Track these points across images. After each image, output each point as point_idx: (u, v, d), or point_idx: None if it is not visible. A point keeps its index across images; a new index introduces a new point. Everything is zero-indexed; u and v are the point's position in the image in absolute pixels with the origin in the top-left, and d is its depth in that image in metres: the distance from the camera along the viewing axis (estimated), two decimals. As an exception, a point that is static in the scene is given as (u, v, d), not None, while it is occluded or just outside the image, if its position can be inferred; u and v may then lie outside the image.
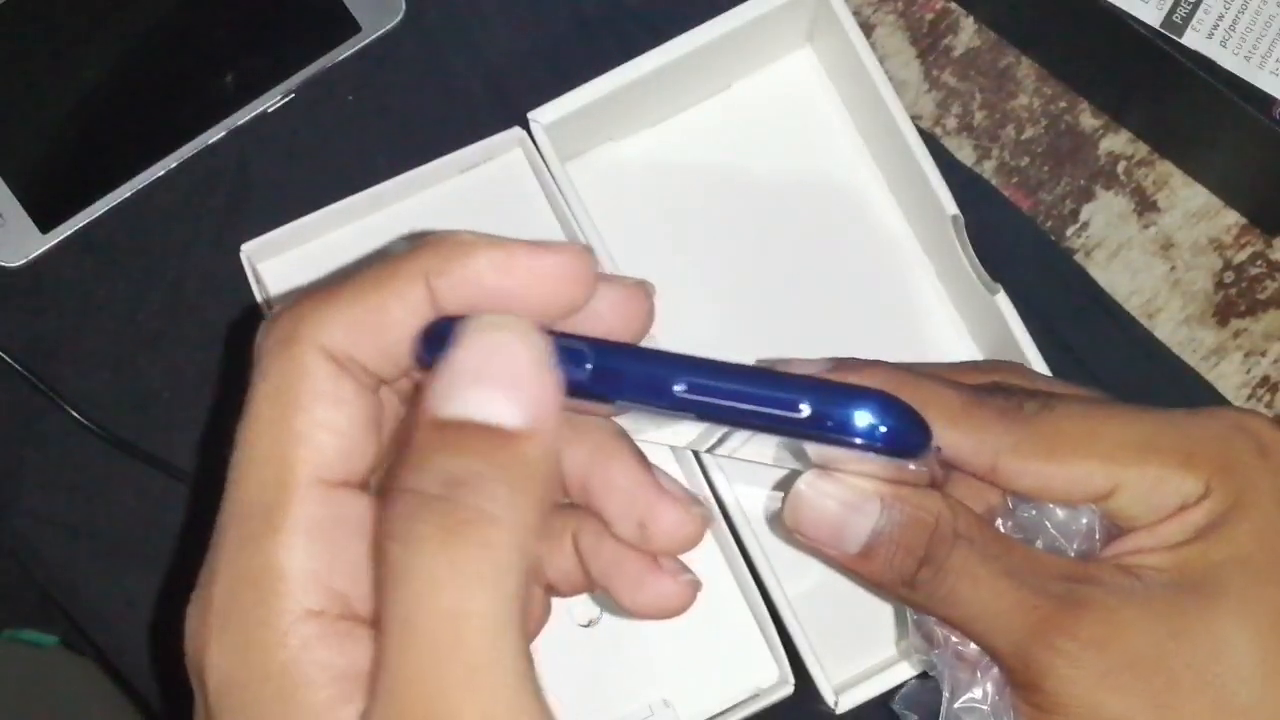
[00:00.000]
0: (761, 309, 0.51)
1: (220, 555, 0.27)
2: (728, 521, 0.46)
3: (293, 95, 0.53)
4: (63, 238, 0.52)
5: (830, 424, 0.28)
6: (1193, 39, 0.48)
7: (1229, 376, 0.53)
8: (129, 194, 0.52)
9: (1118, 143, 0.54)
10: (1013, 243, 0.53)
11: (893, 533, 0.33)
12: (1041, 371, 0.46)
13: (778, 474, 0.47)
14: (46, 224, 0.52)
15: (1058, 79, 0.54)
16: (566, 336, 0.28)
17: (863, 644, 0.47)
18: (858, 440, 0.28)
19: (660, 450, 0.45)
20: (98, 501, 0.51)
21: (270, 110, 0.53)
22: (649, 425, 0.31)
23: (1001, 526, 0.35)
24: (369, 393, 0.28)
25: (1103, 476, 0.34)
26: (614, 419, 0.32)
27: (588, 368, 0.28)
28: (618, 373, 0.28)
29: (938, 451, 0.33)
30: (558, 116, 0.47)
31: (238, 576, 0.26)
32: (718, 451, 0.33)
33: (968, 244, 0.47)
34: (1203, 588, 0.33)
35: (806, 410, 0.28)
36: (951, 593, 0.33)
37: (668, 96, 0.51)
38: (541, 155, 0.47)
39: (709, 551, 0.48)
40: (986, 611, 0.33)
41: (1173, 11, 0.48)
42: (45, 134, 0.53)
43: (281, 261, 0.50)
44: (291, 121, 0.53)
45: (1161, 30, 0.48)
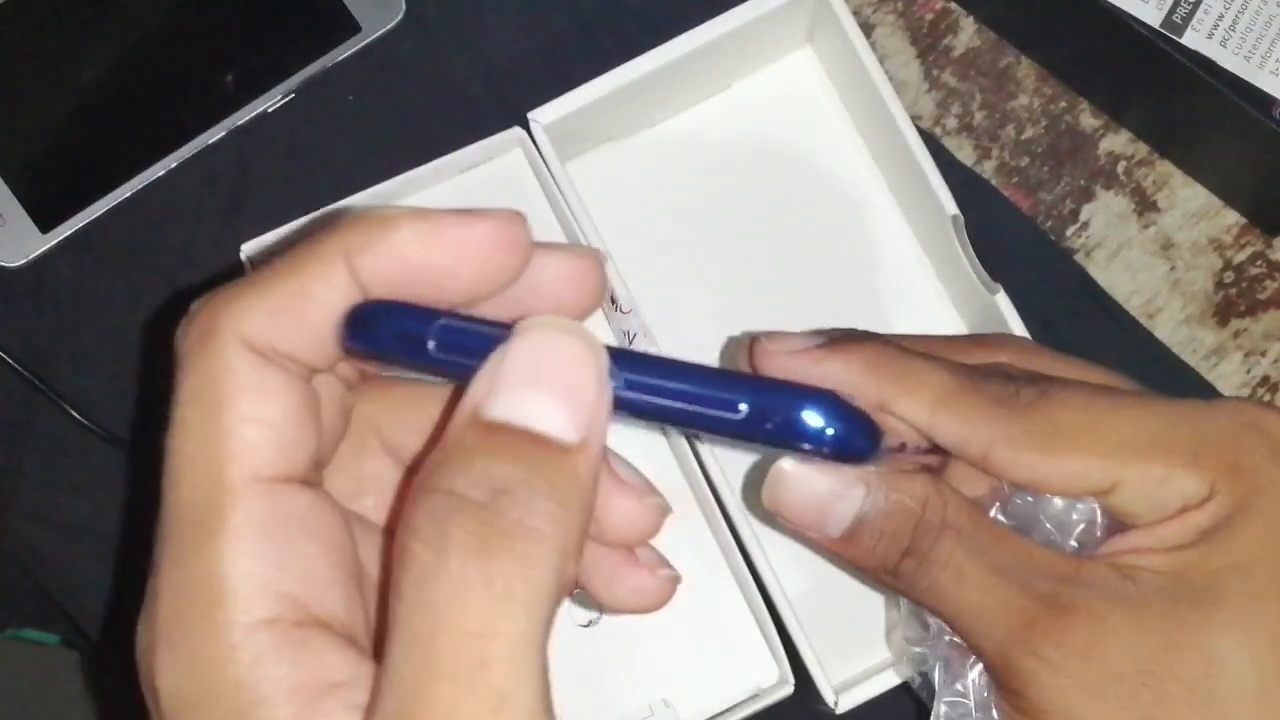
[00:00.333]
0: (761, 308, 0.51)
1: (161, 568, 0.25)
2: (727, 520, 0.46)
3: (293, 95, 0.53)
4: (63, 238, 0.52)
5: (770, 426, 0.26)
6: (1193, 39, 0.48)
7: (1229, 376, 0.53)
8: (129, 194, 0.52)
9: (1118, 143, 0.54)
10: (1013, 243, 0.53)
11: (877, 519, 0.32)
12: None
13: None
14: (46, 224, 0.52)
15: (1058, 79, 0.54)
16: (485, 324, 0.26)
17: (863, 644, 0.47)
18: (804, 445, 0.27)
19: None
20: (98, 501, 0.51)
21: (270, 110, 0.53)
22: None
23: (997, 513, 0.34)
24: (300, 382, 0.26)
25: (1101, 473, 0.32)
26: None
27: None
28: None
29: (902, 448, 0.32)
30: (558, 116, 0.47)
31: (180, 589, 0.25)
32: (700, 439, 0.32)
33: (968, 244, 0.47)
34: (1200, 597, 0.31)
35: (745, 411, 0.26)
36: (935, 585, 0.32)
37: (668, 96, 0.51)
38: (541, 155, 0.47)
39: (709, 551, 0.48)
40: (970, 609, 0.32)
41: (1173, 11, 0.48)
42: (45, 134, 0.53)
43: (281, 261, 0.50)
44: (291, 121, 0.53)
45: (1161, 30, 0.48)
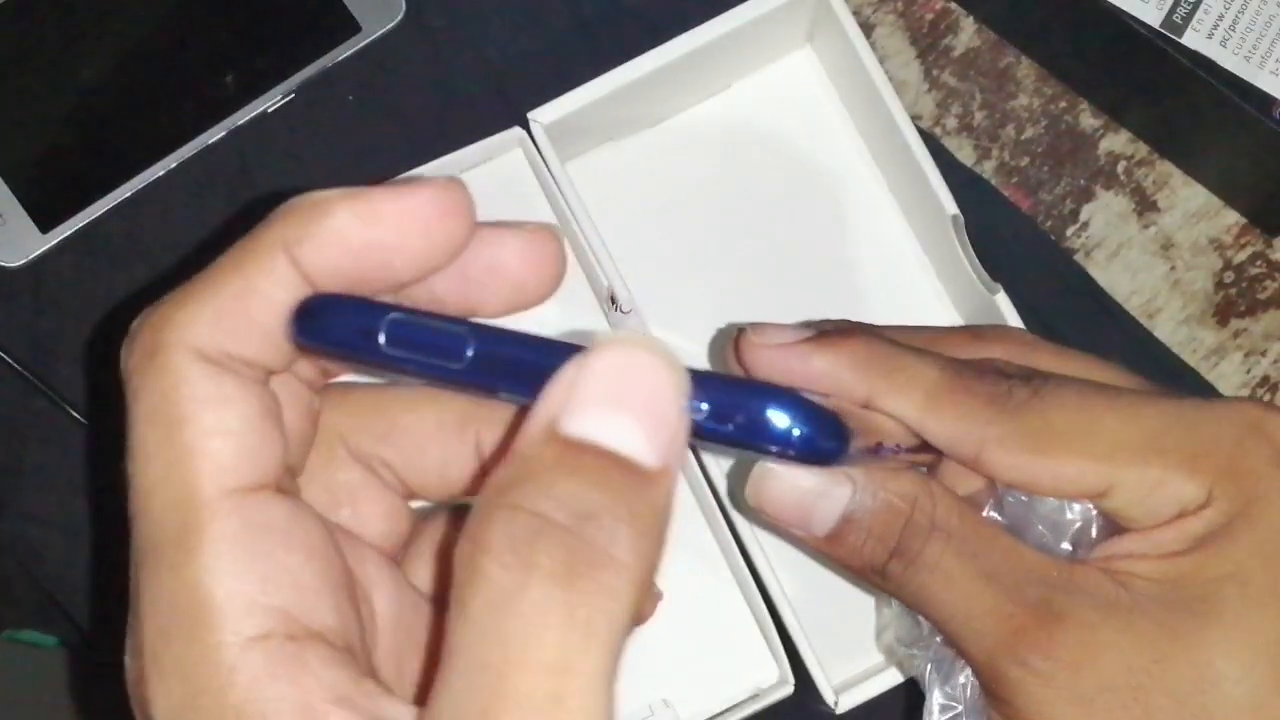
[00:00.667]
0: (761, 308, 0.51)
1: (141, 595, 0.24)
2: (727, 521, 0.46)
3: (293, 95, 0.53)
4: (63, 238, 0.52)
5: (732, 428, 0.25)
6: (1193, 39, 0.48)
7: (1229, 376, 0.53)
8: (129, 194, 0.52)
9: (1118, 143, 0.54)
10: (1013, 243, 0.53)
11: (864, 518, 0.31)
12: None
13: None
14: (46, 224, 0.52)
15: (1058, 79, 0.54)
16: (440, 319, 0.25)
17: (863, 644, 0.47)
18: (770, 447, 0.26)
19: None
20: (98, 501, 0.51)
21: (270, 110, 0.53)
22: None
23: (990, 511, 0.33)
24: (257, 385, 0.25)
25: (1094, 476, 0.31)
26: None
27: (468, 355, 0.25)
28: (501, 360, 0.25)
29: (878, 448, 0.30)
30: (558, 116, 0.47)
31: (163, 614, 0.24)
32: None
33: (968, 244, 0.47)
34: (1194, 607, 0.30)
35: (706, 410, 0.25)
36: (923, 589, 0.31)
37: (667, 96, 0.51)
38: (541, 155, 0.47)
39: (708, 551, 0.48)
40: (958, 614, 0.31)
41: (1173, 11, 0.48)
42: (45, 134, 0.53)
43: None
44: (291, 121, 0.53)
45: (1161, 30, 0.48)
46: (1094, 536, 0.32)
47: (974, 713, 0.32)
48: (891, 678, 0.44)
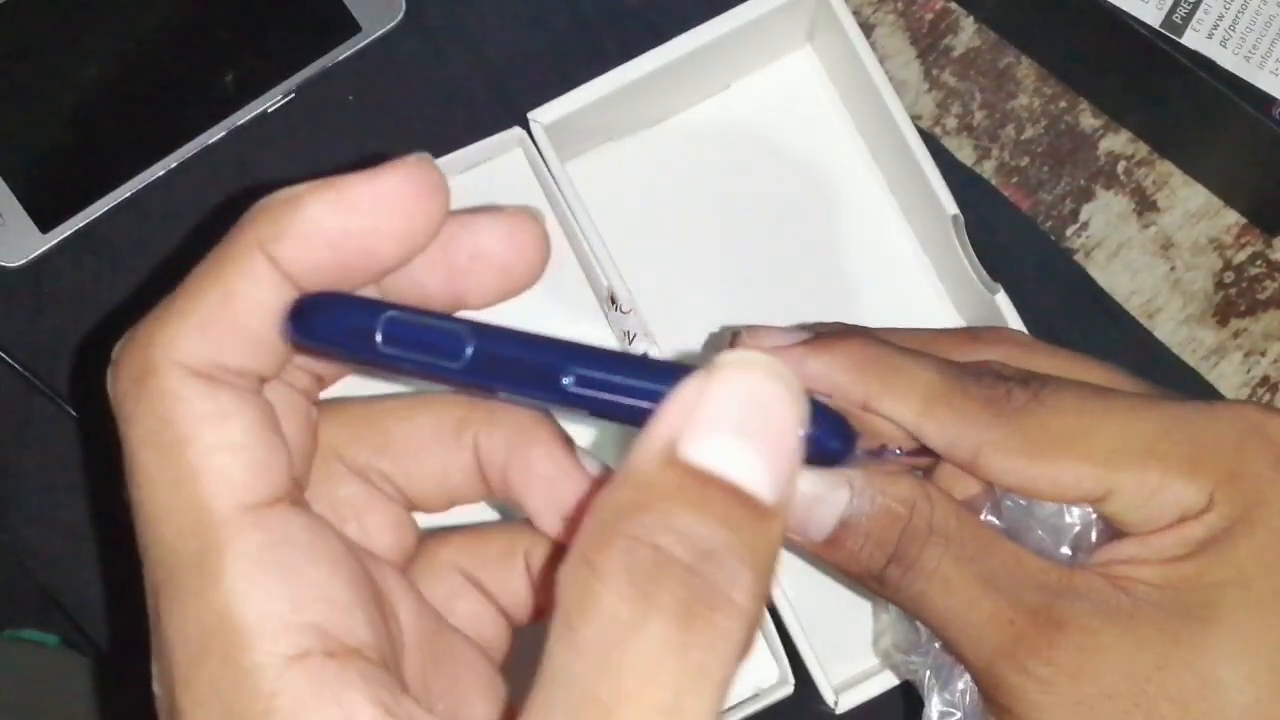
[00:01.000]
0: (761, 308, 0.51)
1: (167, 625, 0.23)
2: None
3: (293, 95, 0.53)
4: (63, 238, 0.52)
5: None
6: (1192, 39, 0.48)
7: (1229, 376, 0.53)
8: (129, 194, 0.52)
9: (1118, 143, 0.54)
10: (1013, 243, 0.53)
11: (861, 523, 0.30)
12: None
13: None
14: (46, 224, 0.52)
15: (1058, 79, 0.54)
16: (438, 317, 0.25)
17: (863, 644, 0.47)
18: None
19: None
20: (98, 502, 0.51)
21: (270, 110, 0.53)
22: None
23: (988, 514, 0.33)
24: (253, 395, 0.24)
25: (1093, 480, 0.31)
26: None
27: (467, 353, 0.24)
28: (500, 360, 0.25)
29: (882, 450, 0.30)
30: (558, 116, 0.47)
31: (194, 641, 0.23)
32: None
33: (968, 244, 0.47)
34: (1195, 612, 0.30)
35: None
36: (921, 595, 0.31)
37: (667, 96, 0.51)
38: (541, 155, 0.47)
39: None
40: (957, 620, 0.31)
41: (1173, 11, 0.48)
42: (45, 134, 0.53)
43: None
44: (291, 121, 0.53)
45: (1161, 30, 0.48)
46: (1094, 541, 0.32)
47: (974, 719, 0.32)
48: (891, 678, 0.45)
